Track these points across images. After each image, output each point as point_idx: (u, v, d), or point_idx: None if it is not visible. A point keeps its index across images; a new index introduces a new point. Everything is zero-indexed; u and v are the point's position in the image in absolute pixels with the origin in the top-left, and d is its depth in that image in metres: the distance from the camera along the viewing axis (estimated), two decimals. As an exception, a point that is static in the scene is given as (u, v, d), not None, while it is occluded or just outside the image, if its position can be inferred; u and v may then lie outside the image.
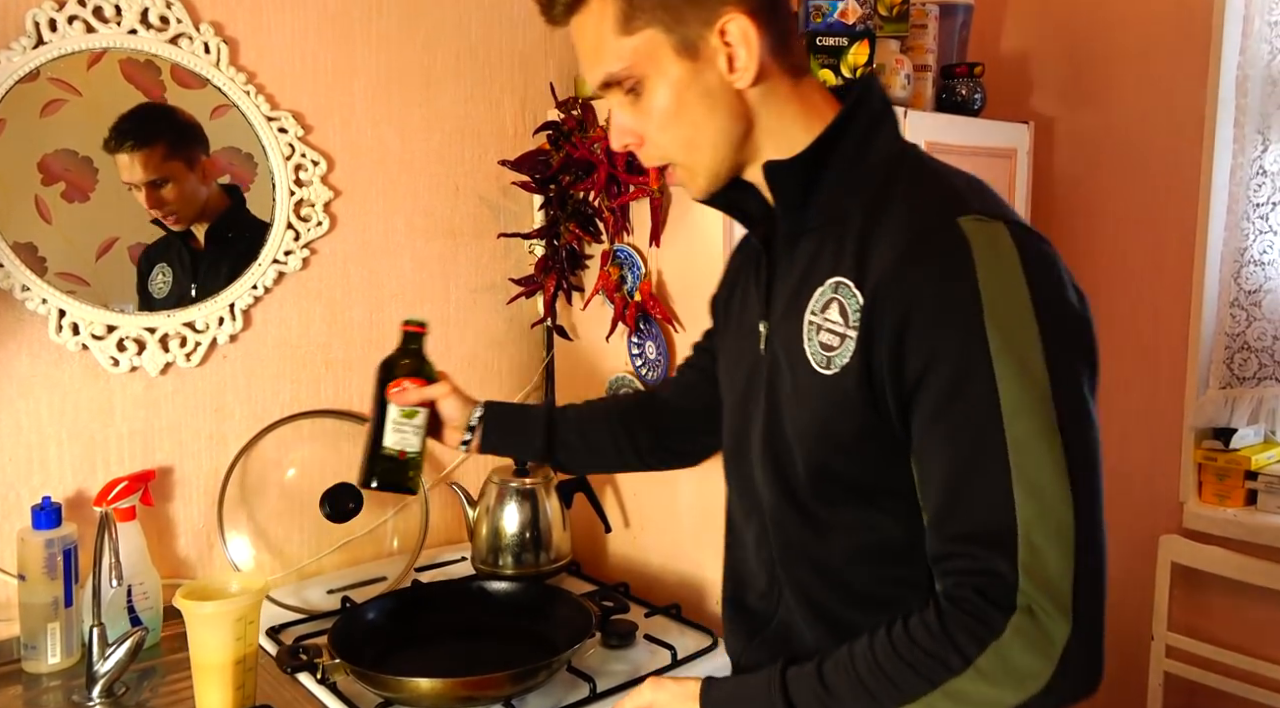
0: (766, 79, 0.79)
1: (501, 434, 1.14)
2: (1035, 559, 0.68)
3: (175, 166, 1.36)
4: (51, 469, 1.30)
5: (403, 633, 1.25)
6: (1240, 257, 1.83)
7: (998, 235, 0.71)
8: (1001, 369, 0.68)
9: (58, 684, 1.19)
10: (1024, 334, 0.69)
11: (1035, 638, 0.68)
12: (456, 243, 1.68)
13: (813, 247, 0.81)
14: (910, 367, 0.71)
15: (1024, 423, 0.68)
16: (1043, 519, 0.68)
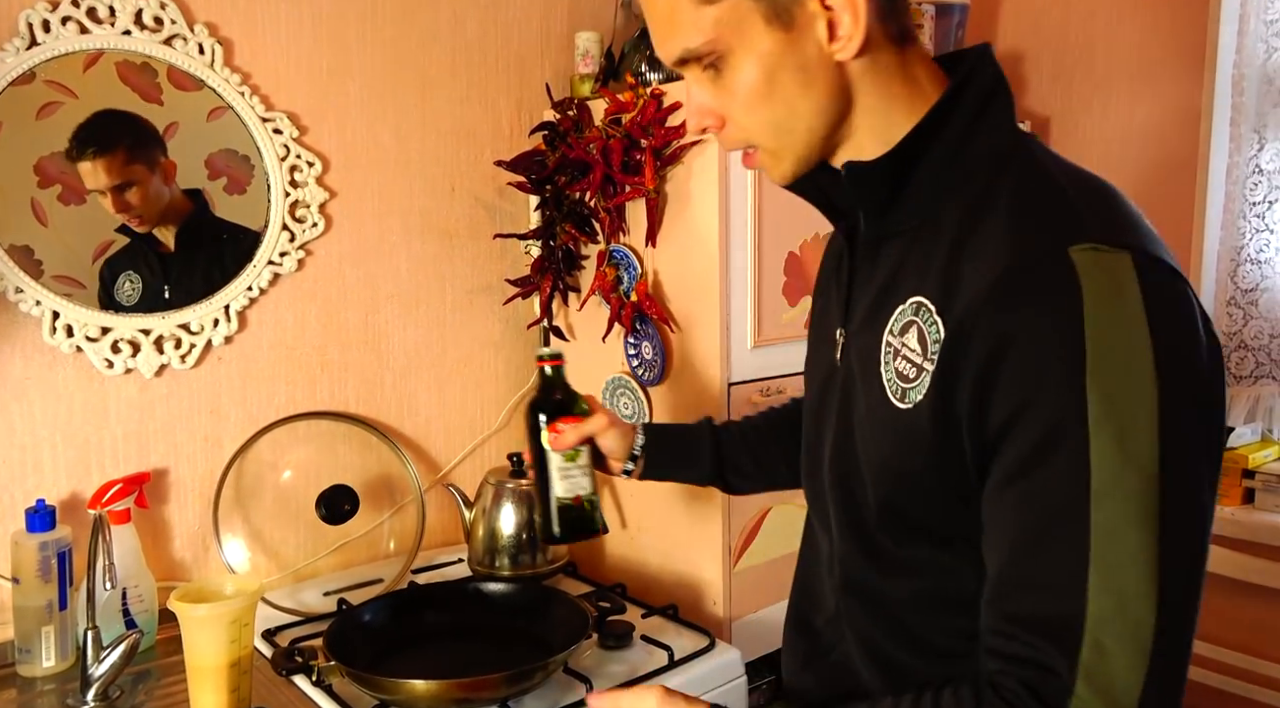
0: (871, 49, 0.67)
1: (667, 461, 1.08)
2: (1100, 663, 0.57)
3: (138, 169, 1.35)
4: (45, 472, 1.30)
5: (399, 635, 1.25)
6: (1237, 255, 1.84)
7: (1118, 270, 0.58)
8: (1098, 439, 0.56)
9: (52, 688, 1.18)
10: (1135, 399, 0.56)
11: None
12: (452, 244, 1.67)
13: (898, 254, 0.71)
14: (994, 418, 0.61)
15: (1114, 506, 0.57)
16: (1117, 619, 0.56)
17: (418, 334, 1.64)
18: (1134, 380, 0.57)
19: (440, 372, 1.67)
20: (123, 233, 1.34)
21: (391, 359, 1.62)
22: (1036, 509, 0.60)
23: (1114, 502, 0.57)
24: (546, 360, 1.09)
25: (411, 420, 1.65)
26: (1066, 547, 0.58)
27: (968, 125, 0.68)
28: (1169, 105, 1.89)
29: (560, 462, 1.04)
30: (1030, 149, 0.69)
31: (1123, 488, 0.56)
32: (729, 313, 1.41)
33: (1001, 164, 0.67)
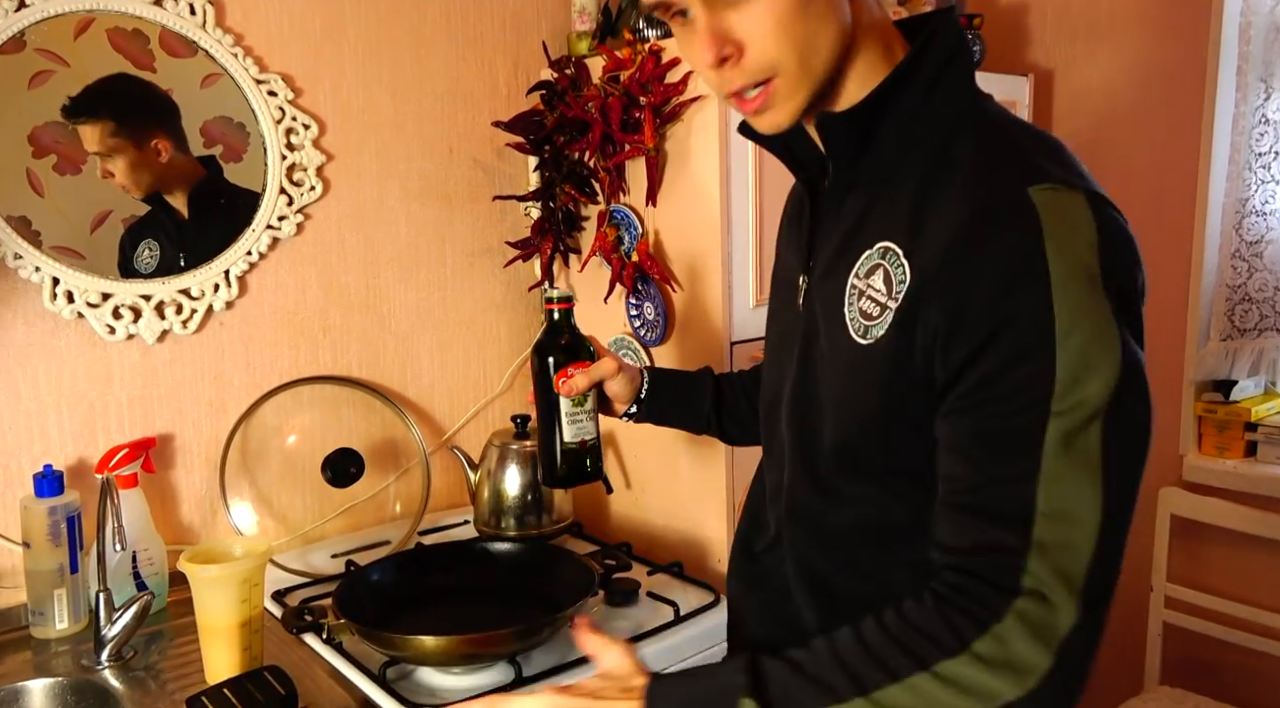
0: (862, 4, 0.72)
1: (667, 405, 1.11)
2: (1053, 538, 0.62)
3: (136, 134, 1.33)
4: (52, 437, 1.31)
5: (407, 594, 1.26)
6: (1242, 207, 1.82)
7: (1073, 205, 0.64)
8: (1064, 352, 0.62)
9: (66, 649, 1.20)
10: (1095, 315, 0.62)
11: (1039, 625, 0.62)
12: (451, 206, 1.66)
13: (862, 204, 0.75)
14: (963, 345, 0.65)
15: (1076, 410, 0.62)
16: (1067, 500, 0.62)
17: (419, 297, 1.64)
18: (1094, 300, 0.63)
19: (442, 335, 1.67)
20: (146, 202, 1.34)
21: (393, 323, 1.61)
22: (998, 418, 0.64)
23: (1073, 400, 0.62)
24: (556, 304, 1.08)
25: (415, 384, 1.65)
26: (1025, 445, 0.63)
27: (930, 84, 0.72)
28: (1174, 55, 1.86)
29: (568, 407, 1.05)
30: (986, 108, 0.74)
31: (1080, 401, 0.62)
32: (731, 271, 1.40)
33: (960, 120, 0.72)
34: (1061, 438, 0.62)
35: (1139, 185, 1.95)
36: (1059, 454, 0.62)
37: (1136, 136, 1.95)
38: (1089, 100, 2.02)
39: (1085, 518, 0.62)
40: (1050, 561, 0.62)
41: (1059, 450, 0.62)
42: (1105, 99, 1.99)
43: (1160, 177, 1.91)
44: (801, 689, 0.66)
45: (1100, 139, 2.01)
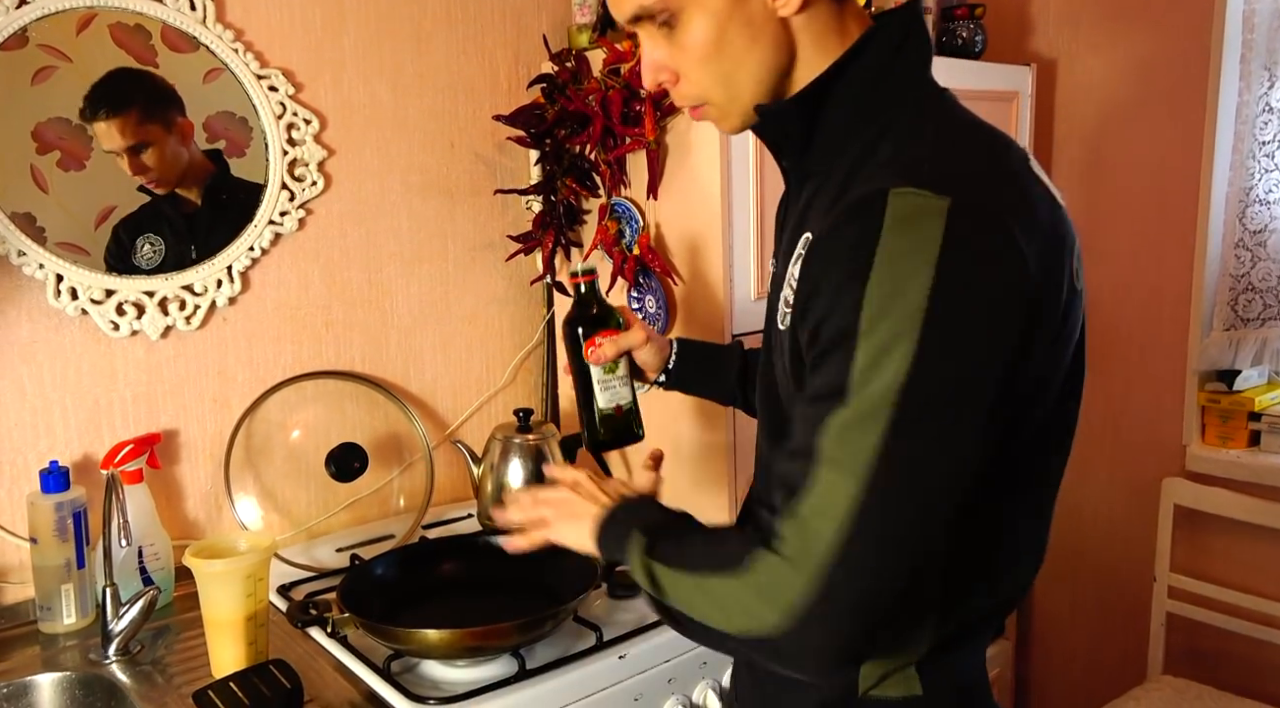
0: (811, 4, 0.72)
1: (695, 374, 1.15)
2: (808, 513, 0.65)
3: (153, 130, 1.34)
4: (57, 433, 1.31)
5: (411, 587, 1.27)
6: (1245, 196, 1.81)
7: (925, 211, 0.63)
8: (861, 349, 0.64)
9: (74, 644, 1.21)
10: (902, 322, 0.62)
11: (772, 579, 0.67)
12: (453, 200, 1.66)
13: (811, 193, 0.77)
14: (804, 332, 0.70)
15: (857, 405, 0.64)
16: (828, 485, 0.65)
17: (421, 292, 1.64)
18: (906, 308, 0.62)
19: (445, 329, 1.68)
20: (143, 192, 1.34)
21: (396, 318, 1.62)
22: (810, 396, 0.68)
23: (858, 402, 0.64)
24: (580, 277, 1.11)
25: (418, 378, 1.66)
26: (814, 427, 0.66)
27: (873, 74, 0.73)
28: (1177, 44, 1.85)
29: (600, 374, 1.09)
30: (924, 104, 0.74)
31: (865, 397, 0.63)
32: (732, 264, 1.40)
33: (896, 116, 0.72)
34: (840, 427, 0.64)
35: (1142, 174, 1.95)
36: (834, 442, 0.65)
37: (1140, 126, 1.94)
38: (1092, 90, 2.01)
39: (835, 508, 0.64)
40: (799, 531, 0.66)
41: (835, 438, 0.65)
42: (1108, 88, 1.98)
43: (1163, 165, 1.91)
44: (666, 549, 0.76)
45: (1103, 128, 2.00)
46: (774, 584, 0.67)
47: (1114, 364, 2.03)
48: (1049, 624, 2.24)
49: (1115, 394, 2.03)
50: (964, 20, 1.81)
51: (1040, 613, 2.25)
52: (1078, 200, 2.07)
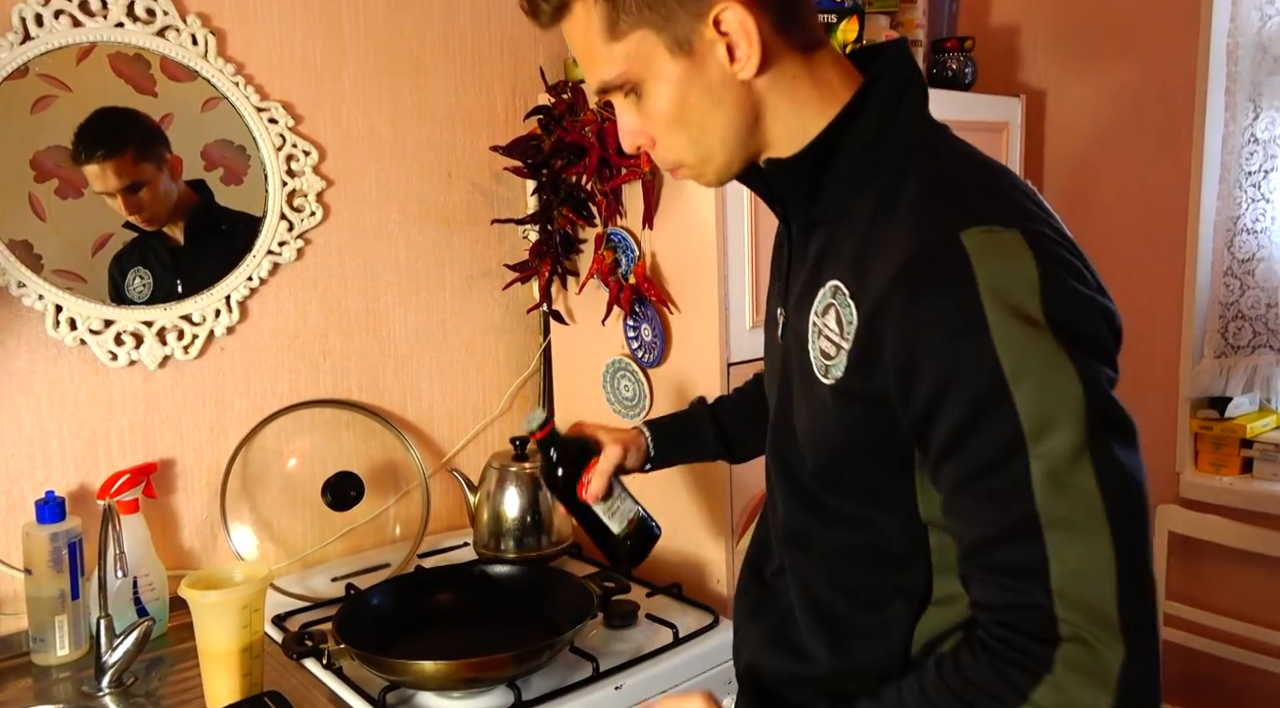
0: (774, 63, 0.72)
1: (674, 450, 1.16)
2: (1072, 584, 0.61)
3: (147, 169, 1.35)
4: (54, 464, 1.31)
5: (407, 618, 1.26)
6: (1233, 225, 1.84)
7: (1009, 245, 0.64)
8: (1020, 393, 0.61)
9: (67, 676, 1.20)
10: (1044, 352, 0.62)
11: (1089, 667, 0.61)
12: (450, 230, 1.68)
13: (823, 240, 0.76)
14: (919, 400, 0.66)
15: (1050, 446, 0.61)
16: (1075, 540, 0.61)
17: (418, 321, 1.65)
18: (1039, 340, 0.62)
19: (442, 358, 1.69)
20: (130, 229, 1.35)
21: (393, 346, 1.63)
22: (981, 468, 0.64)
23: (1049, 441, 0.61)
24: (538, 433, 1.10)
25: (414, 407, 1.66)
26: (1015, 494, 0.62)
27: (879, 121, 0.73)
28: (1164, 76, 1.89)
29: (603, 507, 1.09)
30: (935, 143, 0.75)
31: (1055, 432, 0.61)
32: (727, 294, 1.42)
33: (908, 157, 0.72)
34: (1048, 479, 0.61)
35: (1131, 204, 1.97)
36: (1052, 497, 0.61)
37: (1128, 156, 1.97)
38: (1080, 120, 2.04)
39: (1100, 555, 0.61)
40: (1078, 604, 0.61)
41: (1050, 492, 0.61)
42: (1096, 119, 2.01)
43: (1152, 195, 1.93)
44: None
45: (1092, 159, 2.03)
46: (1093, 668, 0.61)
47: (1107, 391, 2.04)
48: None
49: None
50: (954, 53, 1.84)
51: (1037, 640, 2.25)
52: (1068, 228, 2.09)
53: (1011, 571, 0.64)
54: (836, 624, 0.81)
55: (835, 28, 1.57)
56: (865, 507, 0.77)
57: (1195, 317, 1.88)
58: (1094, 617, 0.61)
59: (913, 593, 0.75)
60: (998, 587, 0.65)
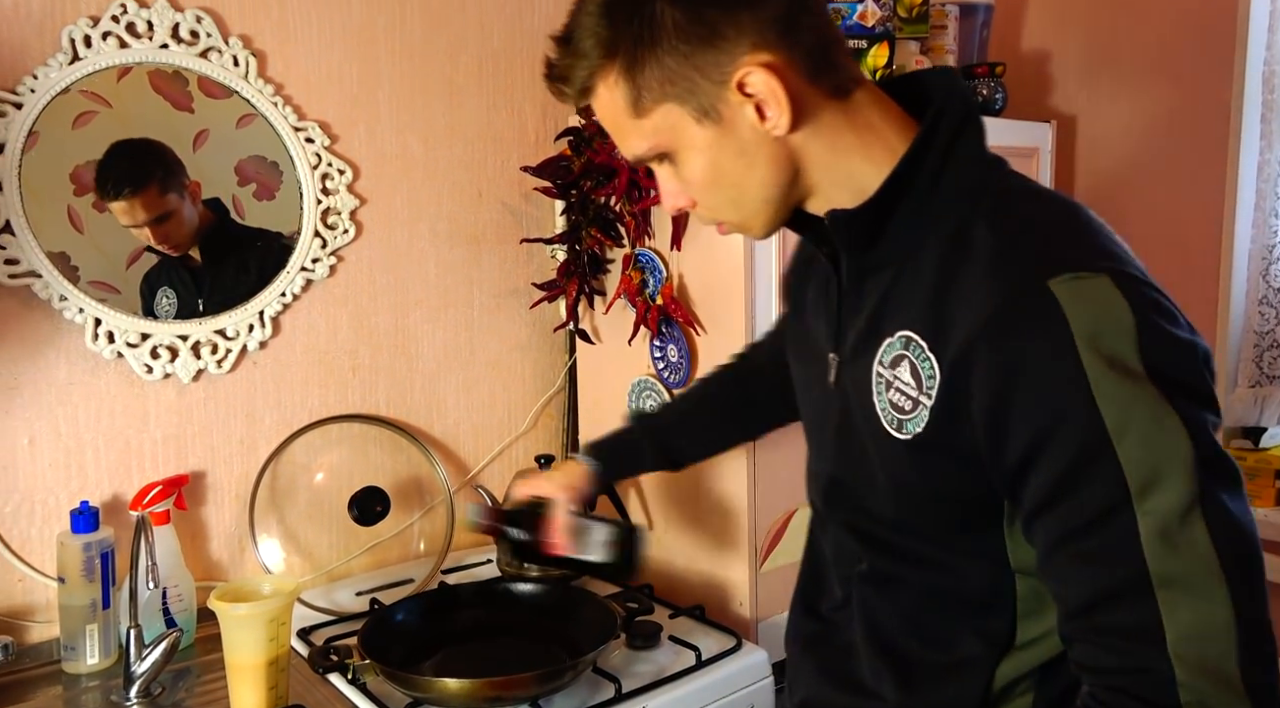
0: (808, 114, 0.70)
1: (622, 470, 1.18)
2: (1190, 646, 0.59)
3: (172, 199, 1.37)
4: (89, 474, 1.34)
5: (430, 634, 1.27)
6: (1268, 254, 1.81)
7: (1099, 291, 0.62)
8: (1123, 446, 0.59)
9: (96, 685, 1.21)
10: (1146, 402, 0.59)
11: None
12: (480, 248, 1.70)
13: (883, 287, 0.74)
14: (1012, 450, 0.64)
15: (1158, 500, 0.59)
16: (1190, 599, 0.59)
17: (446, 337, 1.67)
18: (1140, 390, 0.60)
19: (469, 374, 1.70)
20: (152, 252, 1.37)
21: (421, 362, 1.64)
22: (1083, 526, 0.62)
23: (1157, 497, 0.59)
24: (486, 528, 1.12)
25: (441, 423, 1.67)
26: (1122, 553, 0.60)
27: (938, 167, 0.71)
28: (1197, 102, 1.87)
29: (577, 548, 1.09)
30: (1000, 182, 0.72)
31: (1162, 487, 0.59)
32: (754, 316, 1.42)
33: (975, 198, 0.70)
34: (1159, 537, 0.59)
35: (1163, 232, 1.96)
36: (1164, 555, 0.59)
37: (1160, 183, 1.95)
38: (1112, 146, 2.03)
39: (1218, 614, 0.59)
40: (1199, 669, 0.59)
41: (1162, 551, 0.59)
42: (1128, 145, 2.00)
43: (1185, 223, 1.92)
44: None
45: (1124, 185, 2.02)
46: None
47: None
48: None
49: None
50: (984, 78, 1.84)
51: (1063, 671, 2.21)
52: (1099, 254, 2.07)
53: (1123, 633, 0.61)
54: (908, 665, 0.78)
55: (865, 53, 1.58)
56: (949, 553, 0.75)
57: (1229, 345, 1.85)
58: (1216, 680, 0.59)
59: (994, 637, 0.74)
60: (1107, 650, 0.62)
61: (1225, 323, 1.86)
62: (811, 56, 0.70)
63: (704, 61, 0.69)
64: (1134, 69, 1.97)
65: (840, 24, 1.62)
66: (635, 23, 0.69)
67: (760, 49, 0.68)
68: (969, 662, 0.74)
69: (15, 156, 1.24)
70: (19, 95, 1.24)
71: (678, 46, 0.69)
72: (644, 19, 0.68)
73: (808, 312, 0.89)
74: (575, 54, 0.72)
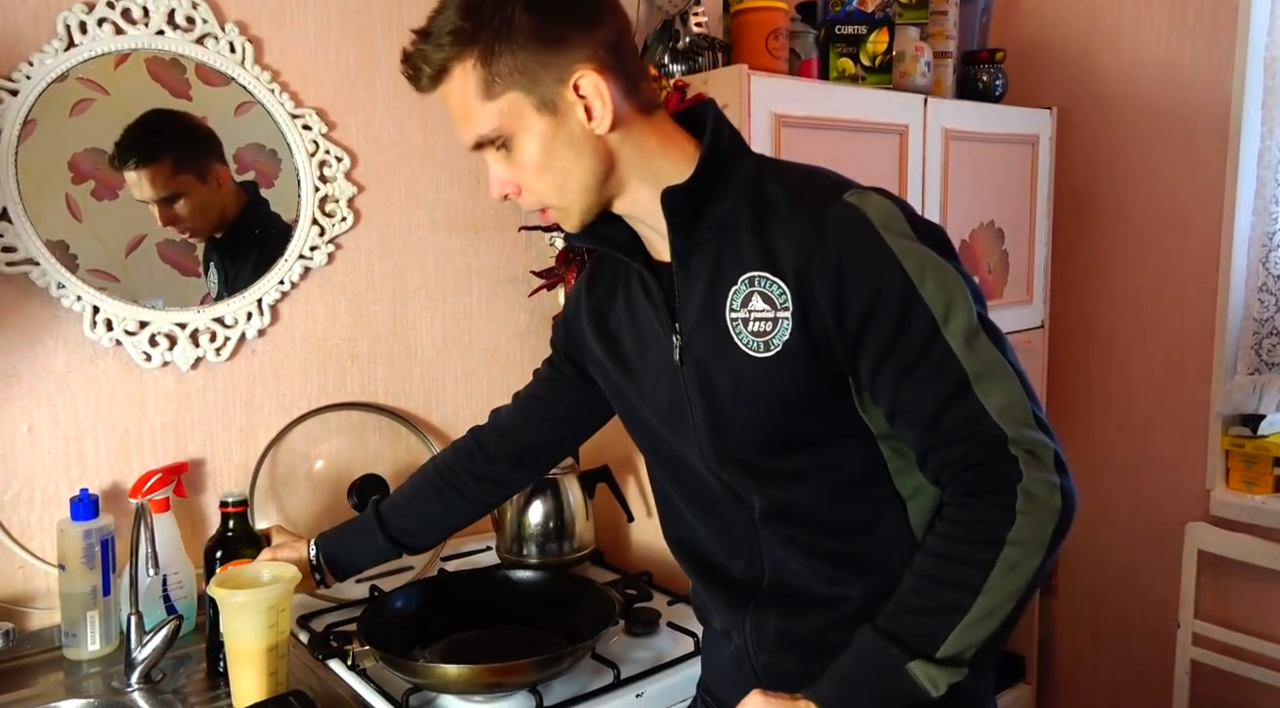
0: (623, 121, 0.86)
1: (348, 556, 1.22)
2: (1005, 413, 0.80)
3: (186, 180, 1.37)
4: (89, 462, 1.34)
5: (430, 621, 1.27)
6: (1268, 241, 1.81)
7: (877, 200, 0.83)
8: (925, 293, 0.80)
9: (97, 671, 1.22)
10: (929, 263, 0.81)
11: (1042, 465, 0.79)
12: (478, 236, 1.69)
13: (709, 258, 0.88)
14: (853, 319, 0.81)
15: (956, 324, 0.80)
16: (994, 383, 0.80)
17: (445, 325, 1.67)
18: (925, 252, 0.82)
19: (467, 362, 1.70)
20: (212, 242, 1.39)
21: (419, 350, 1.64)
22: (914, 358, 0.81)
23: (954, 322, 0.80)
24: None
25: (440, 411, 1.67)
26: (945, 367, 0.80)
27: (729, 153, 0.89)
28: (1198, 90, 1.87)
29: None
30: (769, 161, 0.92)
31: (955, 313, 0.81)
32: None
33: (757, 172, 0.89)
34: (965, 347, 0.80)
35: (1164, 218, 1.95)
36: (971, 359, 0.80)
37: (1161, 170, 1.95)
38: (1113, 133, 2.02)
39: (1012, 387, 0.81)
40: (1015, 424, 0.80)
41: (969, 357, 0.80)
42: (1129, 132, 2.00)
43: (1185, 210, 1.91)
44: (935, 622, 0.80)
45: (1125, 172, 2.01)
46: (1043, 467, 0.79)
47: (1136, 407, 2.01)
48: (1071, 668, 2.21)
49: (1138, 437, 2.02)
50: (984, 64, 1.83)
51: (1061, 656, 2.22)
52: (1099, 244, 2.07)
53: (963, 423, 0.81)
54: (835, 561, 0.91)
55: (865, 39, 1.57)
56: (824, 450, 0.89)
57: (1228, 332, 1.85)
58: (1025, 427, 0.80)
59: (888, 500, 0.89)
60: (955, 441, 0.81)
61: (1224, 310, 1.86)
62: (630, 78, 0.87)
63: (549, 62, 0.83)
64: (1135, 56, 1.97)
65: (840, 9, 1.62)
66: (495, 19, 0.83)
67: (592, 61, 0.84)
68: (890, 529, 0.89)
69: (11, 144, 1.24)
70: (14, 82, 1.24)
71: (529, 45, 0.83)
72: (503, 18, 0.83)
73: (625, 329, 1.00)
74: (436, 42, 0.85)
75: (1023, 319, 1.99)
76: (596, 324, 1.04)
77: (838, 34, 1.59)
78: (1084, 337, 2.10)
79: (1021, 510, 0.79)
